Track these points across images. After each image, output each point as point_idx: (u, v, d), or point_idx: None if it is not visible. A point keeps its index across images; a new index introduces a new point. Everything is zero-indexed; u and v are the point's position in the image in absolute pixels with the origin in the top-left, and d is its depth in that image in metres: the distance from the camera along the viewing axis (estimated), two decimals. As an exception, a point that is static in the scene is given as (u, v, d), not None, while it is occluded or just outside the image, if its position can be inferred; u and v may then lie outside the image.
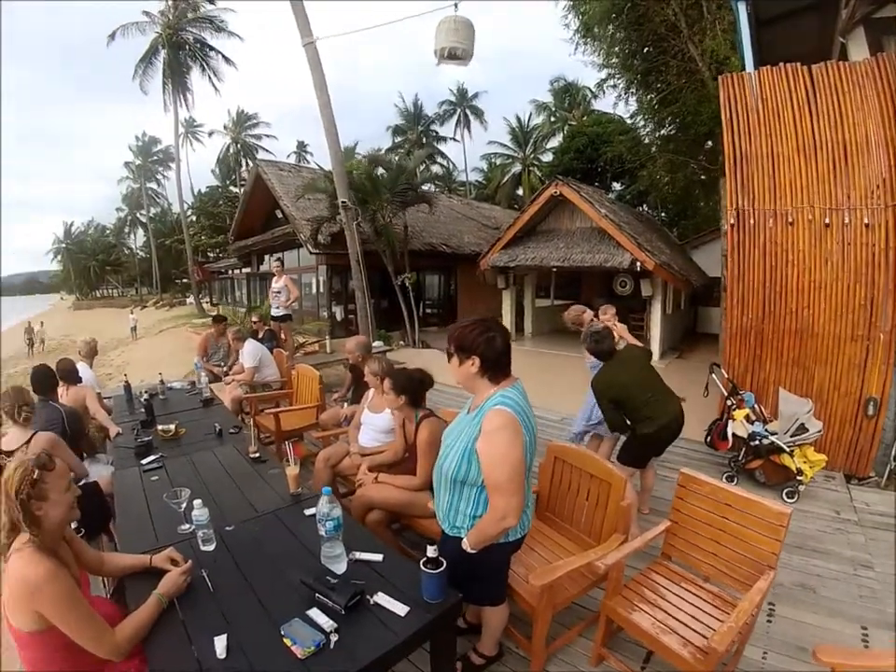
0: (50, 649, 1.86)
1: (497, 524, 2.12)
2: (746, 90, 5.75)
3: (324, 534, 2.26)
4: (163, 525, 2.81)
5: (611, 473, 2.88)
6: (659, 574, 2.85)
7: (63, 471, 2.03)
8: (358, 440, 4.20)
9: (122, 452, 4.07)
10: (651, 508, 4.48)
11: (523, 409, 2.14)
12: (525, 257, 12.44)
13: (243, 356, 6.45)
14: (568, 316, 5.24)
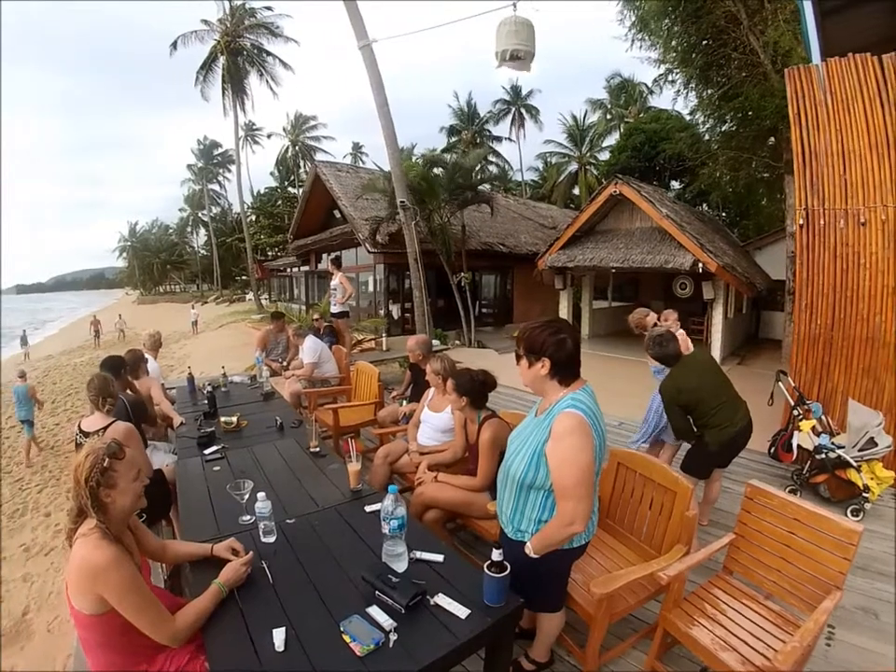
0: (109, 631, 1.89)
1: (563, 529, 2.08)
2: (813, 83, 5.49)
3: (387, 532, 2.24)
4: (225, 515, 2.84)
5: (677, 482, 2.78)
6: (720, 589, 2.74)
7: (132, 461, 2.06)
8: (417, 438, 4.19)
9: (185, 441, 4.17)
10: (709, 520, 4.34)
11: (593, 412, 2.08)
12: (584, 257, 12.27)
13: (302, 351, 6.52)
14: (632, 319, 5.11)
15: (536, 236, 19.32)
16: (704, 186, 16.24)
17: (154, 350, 5.90)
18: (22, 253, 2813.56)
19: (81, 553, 1.83)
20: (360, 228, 14.47)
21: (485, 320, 17.64)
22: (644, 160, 22.68)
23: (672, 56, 13.24)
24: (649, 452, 4.71)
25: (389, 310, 15.84)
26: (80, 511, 1.91)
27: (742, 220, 23.87)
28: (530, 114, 41.96)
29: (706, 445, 3.85)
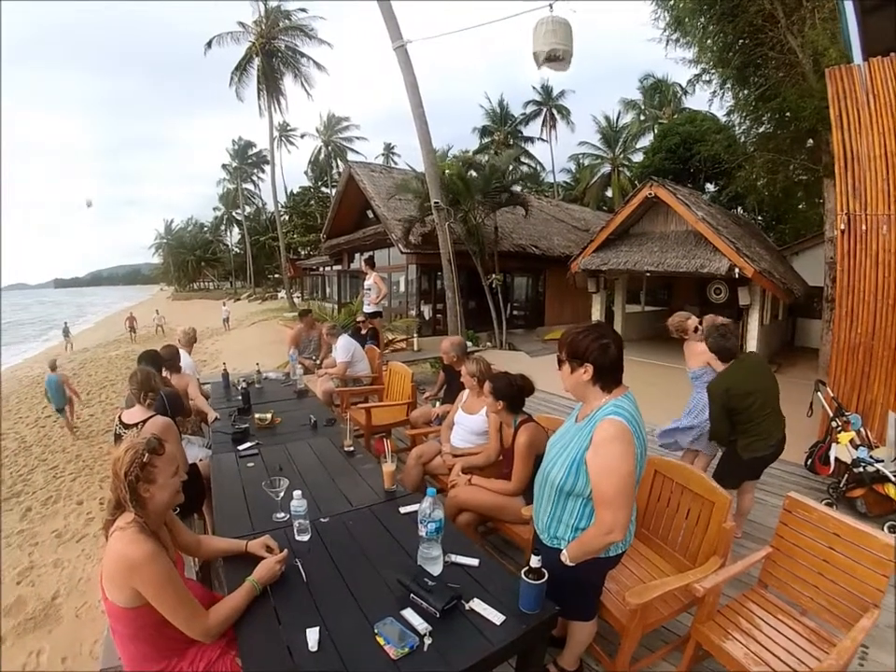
0: (142, 624, 1.90)
1: (601, 538, 2.05)
2: (855, 83, 5.31)
3: (424, 535, 2.22)
4: (259, 511, 2.86)
5: (715, 492, 2.71)
6: (754, 603, 2.68)
7: (171, 457, 2.08)
8: (450, 439, 4.18)
9: (220, 437, 4.23)
10: (743, 532, 4.23)
11: (635, 419, 2.05)
12: (618, 260, 12.12)
13: (336, 350, 6.56)
14: (672, 323, 4.99)
15: (568, 238, 19.18)
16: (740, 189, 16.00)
17: (189, 346, 5.99)
18: (61, 249, 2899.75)
19: (118, 547, 1.85)
20: (393, 228, 14.51)
21: (517, 322, 17.52)
22: (678, 162, 22.37)
23: (707, 56, 13.01)
24: (682, 460, 4.65)
25: (421, 310, 15.86)
26: (118, 504, 1.94)
27: (778, 224, 23.42)
28: (561, 114, 41.74)
29: (737, 453, 3.78)
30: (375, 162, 31.03)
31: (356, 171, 17.54)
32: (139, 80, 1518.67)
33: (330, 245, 21.41)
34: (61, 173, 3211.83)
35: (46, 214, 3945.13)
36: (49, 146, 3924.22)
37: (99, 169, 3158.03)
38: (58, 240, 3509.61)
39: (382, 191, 15.97)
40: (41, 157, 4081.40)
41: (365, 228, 18.30)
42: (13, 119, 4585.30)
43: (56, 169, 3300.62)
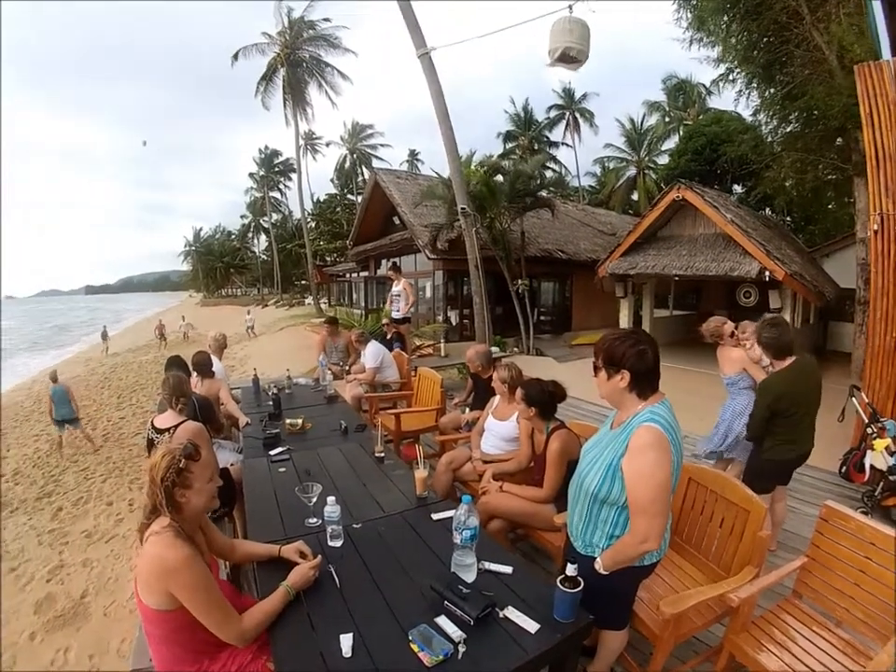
0: (175, 627, 1.92)
1: (636, 546, 2.03)
2: (885, 80, 5.14)
3: (458, 542, 2.21)
4: (291, 516, 2.88)
5: (751, 500, 2.66)
6: (789, 614, 2.63)
7: (207, 462, 2.11)
8: (480, 446, 4.17)
9: (251, 442, 4.26)
10: (777, 542, 4.11)
11: (672, 427, 2.03)
12: (646, 264, 12.02)
13: (365, 356, 6.61)
14: (707, 328, 4.87)
15: (595, 243, 19.10)
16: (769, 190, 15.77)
17: (219, 352, 6.06)
18: (92, 256, 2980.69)
19: (154, 551, 1.87)
20: (420, 234, 14.58)
21: (544, 328, 17.45)
22: (705, 163, 22.09)
23: (732, 55, 12.83)
24: (715, 466, 4.58)
25: (448, 316, 15.89)
26: (154, 509, 1.96)
27: (808, 225, 23.02)
28: (584, 118, 41.59)
29: (770, 458, 3.70)
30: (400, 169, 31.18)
31: (381, 178, 17.65)
32: (170, 91, 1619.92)
33: (357, 252, 21.56)
34: (96, 180, 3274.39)
35: (77, 220, 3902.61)
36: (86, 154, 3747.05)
37: (130, 177, 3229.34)
38: (89, 247, 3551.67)
39: (408, 198, 16.06)
40: (75, 164, 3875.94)
41: (391, 234, 18.40)
42: (52, 127, 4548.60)
43: (87, 176, 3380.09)
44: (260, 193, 57.98)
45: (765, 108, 13.43)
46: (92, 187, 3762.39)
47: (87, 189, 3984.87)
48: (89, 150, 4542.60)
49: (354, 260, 23.53)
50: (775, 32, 11.28)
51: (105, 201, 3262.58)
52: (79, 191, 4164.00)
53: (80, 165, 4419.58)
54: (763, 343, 3.75)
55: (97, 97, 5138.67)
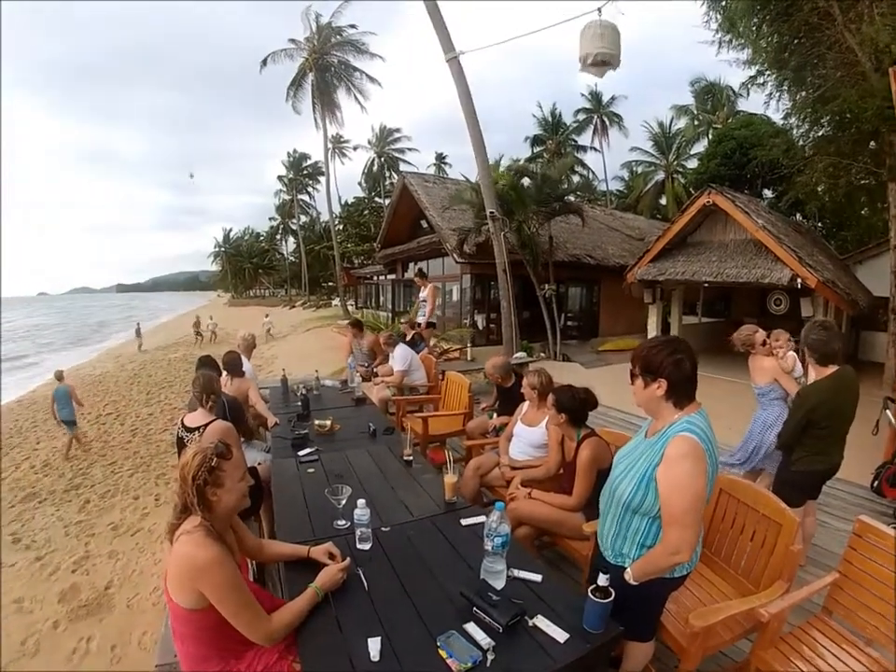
0: (203, 626, 1.93)
1: (668, 558, 2.00)
2: None
3: (490, 548, 2.20)
4: (319, 518, 2.89)
5: (784, 514, 2.62)
6: (818, 630, 2.57)
7: (238, 461, 2.13)
8: (509, 451, 4.15)
9: (279, 442, 4.28)
10: (806, 557, 3.99)
11: (708, 438, 2.00)
12: (675, 270, 11.88)
13: (393, 359, 6.63)
14: (738, 337, 4.75)
15: (623, 248, 18.91)
16: (800, 195, 15.51)
17: (248, 351, 6.12)
18: (124, 255, 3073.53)
19: (185, 550, 1.88)
20: (448, 238, 14.55)
21: (571, 333, 17.27)
22: (735, 167, 21.69)
23: (762, 57, 12.65)
24: (744, 477, 4.50)
25: (474, 320, 15.84)
26: (185, 508, 1.97)
27: (840, 231, 22.54)
28: (612, 121, 41.32)
29: (792, 464, 3.64)
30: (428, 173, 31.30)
31: (409, 181, 17.68)
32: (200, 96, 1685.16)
33: (385, 255, 21.60)
34: (133, 182, 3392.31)
35: (109, 220, 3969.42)
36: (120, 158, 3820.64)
37: (161, 179, 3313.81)
38: (121, 246, 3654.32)
39: (436, 201, 16.05)
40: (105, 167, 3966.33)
41: (419, 238, 18.39)
42: (86, 132, 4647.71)
43: (119, 179, 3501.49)
44: (289, 196, 58.58)
45: (797, 111, 13.23)
46: (124, 190, 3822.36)
47: (119, 191, 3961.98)
48: (119, 154, 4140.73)
49: (381, 263, 23.57)
50: (806, 33, 11.10)
51: (135, 203, 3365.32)
52: (111, 194, 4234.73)
53: (111, 169, 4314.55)
54: (810, 344, 3.63)
55: (126, 102, 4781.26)
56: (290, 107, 31.30)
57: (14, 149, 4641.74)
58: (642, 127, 36.77)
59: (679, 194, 32.17)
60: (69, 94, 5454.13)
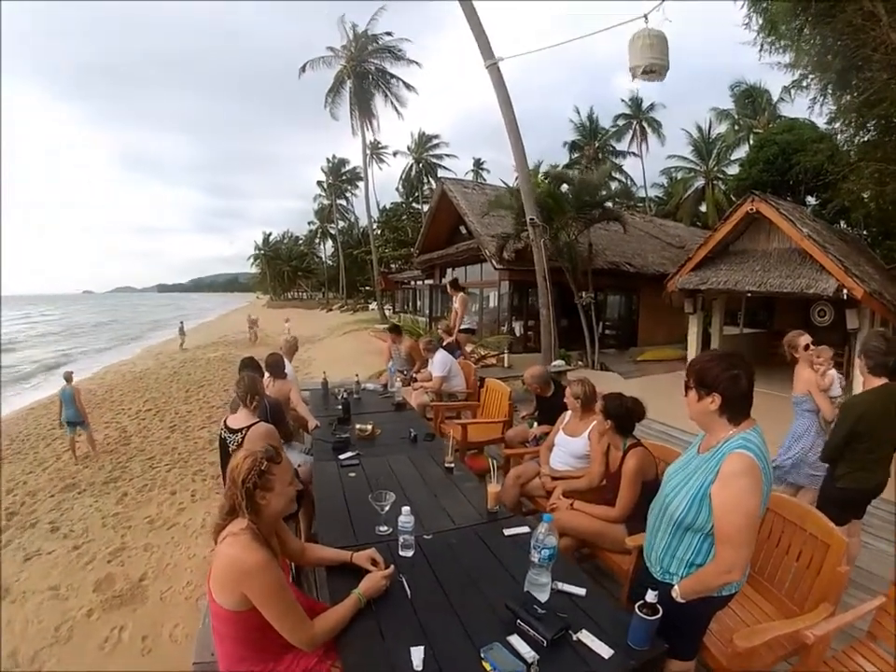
0: (246, 627, 1.95)
1: (719, 576, 1.97)
2: None
3: (536, 560, 2.17)
4: (361, 523, 2.89)
5: (832, 534, 2.54)
6: (862, 656, 2.48)
7: (287, 466, 2.15)
8: (550, 461, 4.14)
9: (320, 445, 4.32)
10: None
11: (764, 455, 1.96)
12: (717, 280, 11.62)
13: (433, 364, 6.66)
14: (786, 339, 4.70)
15: (663, 256, 18.65)
16: (846, 202, 15.10)
17: (290, 353, 6.21)
18: (165, 256, 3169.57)
19: (231, 553, 1.90)
20: (487, 244, 14.54)
21: (609, 342, 17.06)
22: (777, 173, 21.14)
23: (805, 60, 12.33)
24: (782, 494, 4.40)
25: (512, 327, 15.80)
26: (232, 510, 2.00)
27: (886, 240, 21.88)
28: (652, 127, 41.07)
29: (836, 480, 3.54)
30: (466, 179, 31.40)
31: (448, 187, 17.73)
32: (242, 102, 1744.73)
33: (423, 260, 21.68)
34: (175, 186, 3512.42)
35: (151, 222, 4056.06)
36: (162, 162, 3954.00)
37: (203, 182, 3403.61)
38: (162, 248, 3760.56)
39: (475, 207, 16.05)
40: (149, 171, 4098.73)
41: (457, 243, 18.41)
42: (126, 136, 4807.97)
43: (159, 181, 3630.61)
44: (328, 201, 59.22)
45: (841, 115, 12.88)
46: (164, 193, 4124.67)
47: (159, 195, 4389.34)
48: (159, 158, 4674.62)
49: (419, 268, 23.68)
50: (850, 35, 10.74)
51: (176, 206, 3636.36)
52: (152, 197, 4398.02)
53: (151, 172, 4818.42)
54: (867, 350, 3.55)
55: (166, 107, 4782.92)
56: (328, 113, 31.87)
57: (59, 154, 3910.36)
58: (682, 131, 36.43)
59: (720, 201, 31.72)
60: (109, 99, 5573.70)
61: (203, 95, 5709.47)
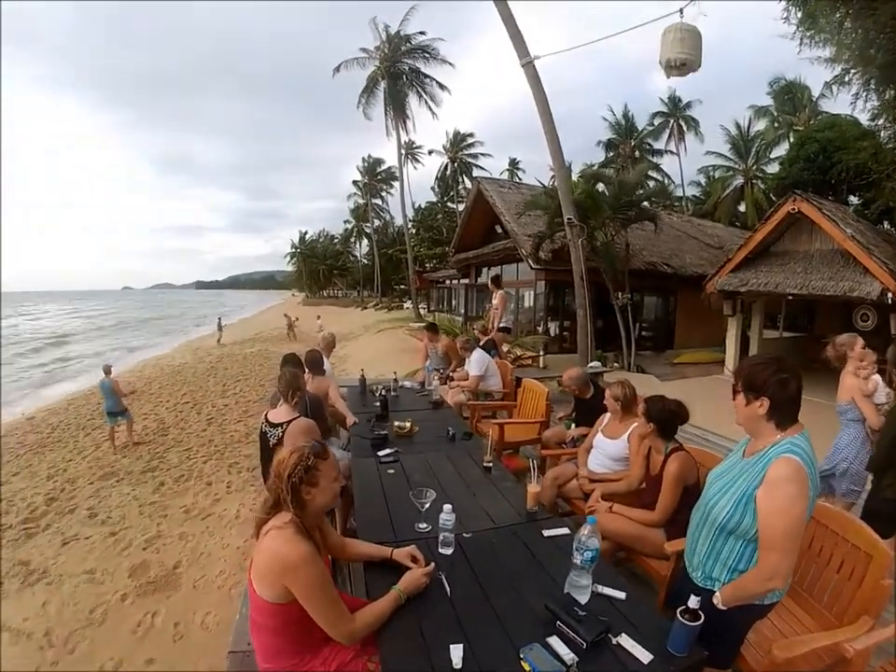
0: (286, 620, 1.97)
1: (763, 583, 1.95)
2: None
3: (578, 562, 2.16)
4: (400, 519, 2.90)
5: (876, 546, 2.46)
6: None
7: (334, 462, 2.17)
8: (588, 463, 4.11)
9: (359, 441, 4.34)
10: None
11: (811, 461, 1.94)
12: (757, 282, 11.35)
13: (469, 364, 6.66)
14: (840, 340, 4.55)
15: (701, 256, 18.38)
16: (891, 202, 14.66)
17: (328, 350, 6.30)
18: (204, 255, 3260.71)
19: (274, 546, 1.93)
20: (523, 244, 14.50)
21: (645, 344, 16.84)
22: (818, 172, 20.43)
23: (846, 54, 11.99)
24: None
25: (547, 327, 15.75)
26: (276, 504, 2.02)
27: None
28: (689, 125, 40.54)
29: (882, 491, 3.45)
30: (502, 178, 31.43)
31: (484, 187, 17.72)
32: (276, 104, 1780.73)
33: (458, 259, 21.71)
34: (213, 186, 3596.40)
35: (189, 221, 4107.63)
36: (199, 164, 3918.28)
37: (241, 183, 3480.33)
38: (200, 246, 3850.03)
39: (511, 207, 16.01)
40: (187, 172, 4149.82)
41: (493, 243, 18.39)
42: (171, 140, 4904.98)
43: (210, 184, 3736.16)
44: (363, 200, 59.65)
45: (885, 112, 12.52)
46: (202, 193, 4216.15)
47: (197, 194, 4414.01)
48: (197, 159, 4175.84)
49: (455, 267, 23.72)
50: (893, 28, 10.47)
51: (213, 205, 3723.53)
52: (190, 197, 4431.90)
53: (190, 173, 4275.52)
54: None
55: (203, 110, 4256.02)
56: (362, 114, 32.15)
57: (100, 158, 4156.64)
58: (720, 129, 35.71)
59: (759, 200, 31.15)
60: (151, 104, 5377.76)
61: (243, 99, 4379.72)
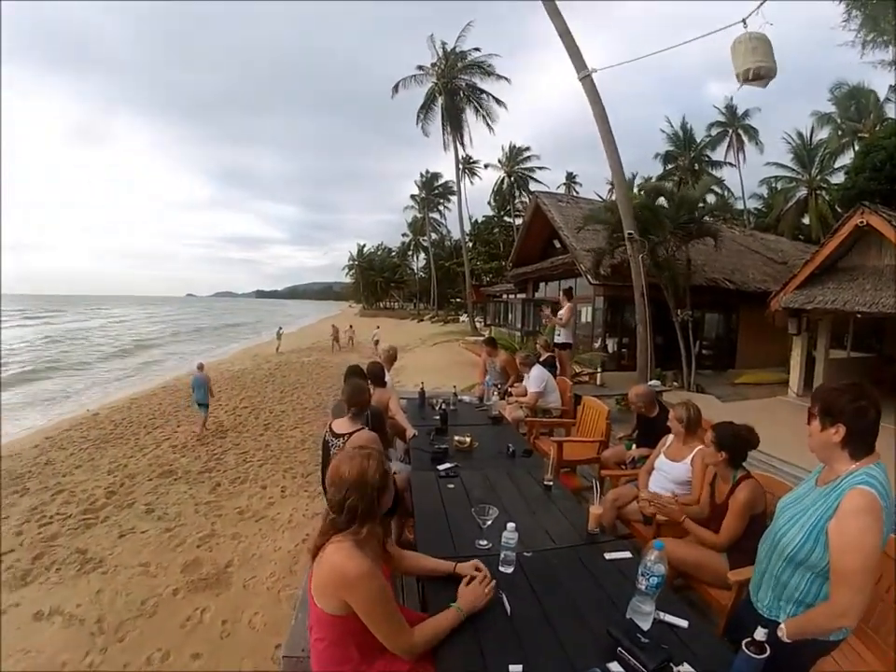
0: (344, 631, 1.97)
1: (832, 619, 1.88)
2: None
3: (643, 587, 2.12)
4: (461, 535, 2.89)
5: None
6: None
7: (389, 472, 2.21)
8: (648, 486, 4.05)
9: (418, 454, 4.38)
10: None
11: (888, 493, 1.87)
12: (824, 299, 10.91)
13: (528, 380, 6.64)
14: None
15: (764, 272, 17.88)
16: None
17: (389, 363, 6.42)
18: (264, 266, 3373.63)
19: (334, 560, 1.93)
20: (582, 259, 14.43)
21: (705, 363, 16.38)
22: (886, 181, 19.35)
23: None
24: None
25: (605, 344, 15.60)
26: (351, 519, 2.00)
27: None
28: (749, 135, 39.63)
29: None
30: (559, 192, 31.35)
31: (543, 201, 17.72)
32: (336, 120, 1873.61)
33: (516, 274, 21.74)
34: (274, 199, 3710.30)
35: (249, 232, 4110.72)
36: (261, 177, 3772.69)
37: (301, 197, 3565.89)
38: (260, 256, 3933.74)
39: (569, 221, 15.96)
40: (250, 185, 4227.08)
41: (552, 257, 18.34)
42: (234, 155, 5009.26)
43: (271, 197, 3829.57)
44: (421, 214, 60.44)
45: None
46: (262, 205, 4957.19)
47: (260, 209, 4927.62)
48: (261, 174, 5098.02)
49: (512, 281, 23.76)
50: None
51: (273, 218, 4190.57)
52: (255, 212, 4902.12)
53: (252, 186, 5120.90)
54: None
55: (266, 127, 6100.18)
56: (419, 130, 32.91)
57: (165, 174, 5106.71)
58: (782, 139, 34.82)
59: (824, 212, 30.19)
60: (209, 121, 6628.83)
61: (304, 115, 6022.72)
